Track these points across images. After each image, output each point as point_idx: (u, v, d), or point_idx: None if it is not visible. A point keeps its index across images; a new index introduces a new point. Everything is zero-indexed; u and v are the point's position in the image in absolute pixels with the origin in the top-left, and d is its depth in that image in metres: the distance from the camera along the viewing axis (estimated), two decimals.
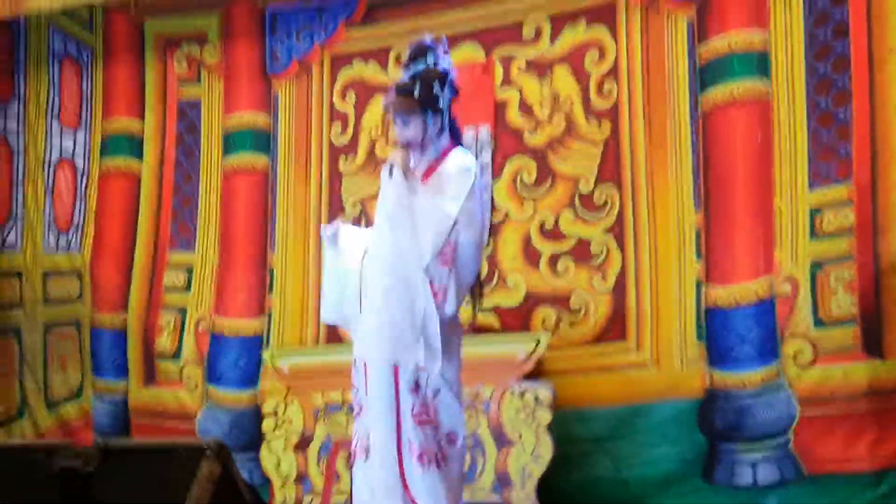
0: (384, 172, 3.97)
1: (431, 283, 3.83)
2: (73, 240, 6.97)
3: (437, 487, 3.86)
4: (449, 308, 3.87)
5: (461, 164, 3.99)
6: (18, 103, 7.04)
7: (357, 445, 4.01)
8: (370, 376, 3.94)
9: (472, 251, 3.91)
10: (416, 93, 3.97)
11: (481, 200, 4.05)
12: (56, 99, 7.06)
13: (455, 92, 4.08)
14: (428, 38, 4.09)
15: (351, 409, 4.22)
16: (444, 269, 3.84)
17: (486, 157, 6.03)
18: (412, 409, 3.87)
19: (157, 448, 2.85)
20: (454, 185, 3.92)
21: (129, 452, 2.84)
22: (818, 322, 5.28)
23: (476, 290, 4.10)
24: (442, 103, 4.03)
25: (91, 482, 2.71)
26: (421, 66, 4.01)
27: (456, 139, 4.12)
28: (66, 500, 2.71)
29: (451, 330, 3.96)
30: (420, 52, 4.05)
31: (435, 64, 4.03)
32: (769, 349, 5.35)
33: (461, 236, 3.86)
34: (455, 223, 3.85)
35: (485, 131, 6.05)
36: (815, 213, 5.34)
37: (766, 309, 5.38)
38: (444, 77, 4.03)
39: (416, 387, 3.88)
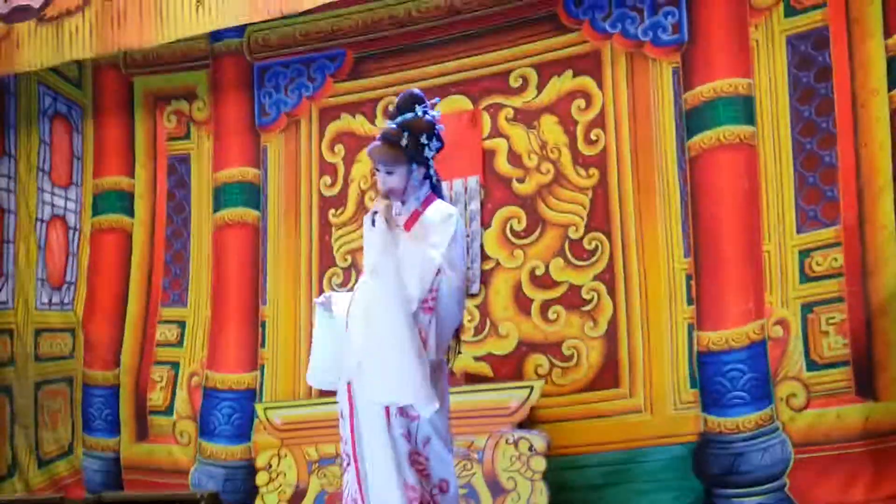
0: (367, 221, 3.97)
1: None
2: (66, 296, 6.97)
3: None
4: (430, 354, 3.85)
5: (444, 211, 4.01)
6: (9, 161, 7.06)
7: (347, 498, 3.98)
8: (363, 422, 3.92)
9: (454, 298, 3.91)
10: (403, 142, 3.99)
11: (462, 249, 4.04)
12: (47, 157, 7.09)
13: (441, 145, 4.10)
14: (417, 90, 4.12)
15: None
16: (426, 316, 3.84)
17: (475, 206, 6.05)
18: (407, 456, 3.85)
19: (151, 500, 2.82)
20: (437, 233, 3.93)
21: None
22: (811, 364, 5.29)
23: (455, 337, 4.08)
24: (427, 154, 4.05)
25: None
26: (409, 116, 4.04)
27: (436, 190, 4.13)
28: None
29: (436, 376, 3.93)
30: (409, 101, 4.07)
31: (423, 114, 4.06)
32: (762, 393, 5.35)
33: (443, 283, 3.86)
34: (439, 270, 3.86)
35: (473, 181, 6.07)
36: (803, 255, 5.37)
37: (758, 352, 5.39)
38: (431, 128, 4.05)
39: (408, 434, 3.86)
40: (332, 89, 6.56)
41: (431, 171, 4.08)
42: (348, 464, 3.99)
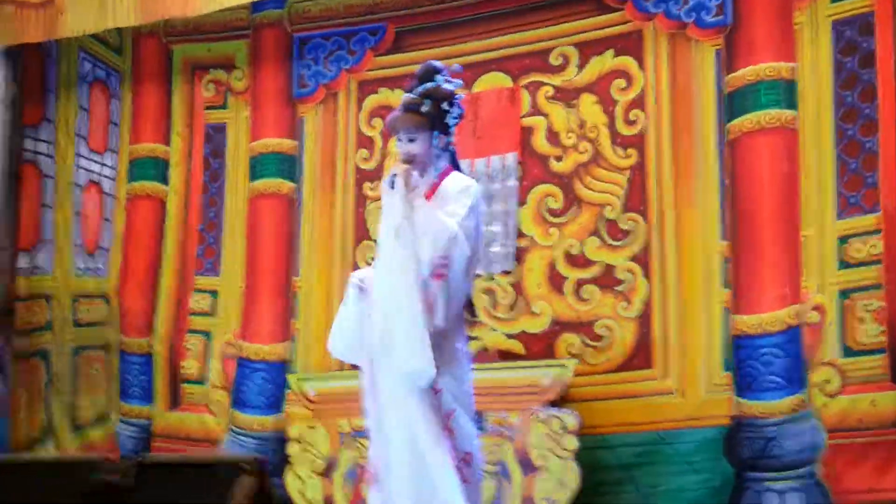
0: (385, 185, 4.00)
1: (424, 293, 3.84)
2: (100, 263, 7.00)
3: None
4: (438, 321, 3.87)
5: (462, 183, 4.06)
6: (49, 126, 7.09)
7: (371, 470, 4.01)
8: (380, 387, 3.93)
9: (463, 268, 3.93)
10: (425, 109, 4.02)
11: (478, 221, 4.06)
12: (84, 122, 7.12)
13: (461, 112, 4.12)
14: (436, 61, 4.17)
15: None
16: (437, 282, 3.86)
17: (512, 183, 6.05)
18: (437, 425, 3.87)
19: (194, 463, 2.85)
20: (455, 202, 3.97)
21: (167, 467, 2.85)
22: (846, 350, 5.27)
23: (467, 309, 4.10)
24: (449, 122, 4.08)
25: (128, 496, 2.73)
26: (430, 85, 4.07)
27: (454, 163, 4.15)
28: None
29: (450, 345, 3.95)
30: (429, 72, 4.12)
31: (445, 83, 4.10)
32: (796, 378, 5.34)
33: (455, 251, 3.88)
34: (454, 238, 3.87)
35: (511, 158, 6.07)
36: (842, 241, 5.35)
37: (793, 337, 5.37)
38: (452, 96, 4.09)
39: (433, 407, 3.87)
40: (371, 63, 6.55)
41: (451, 140, 4.11)
42: (370, 438, 4.02)
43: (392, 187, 3.96)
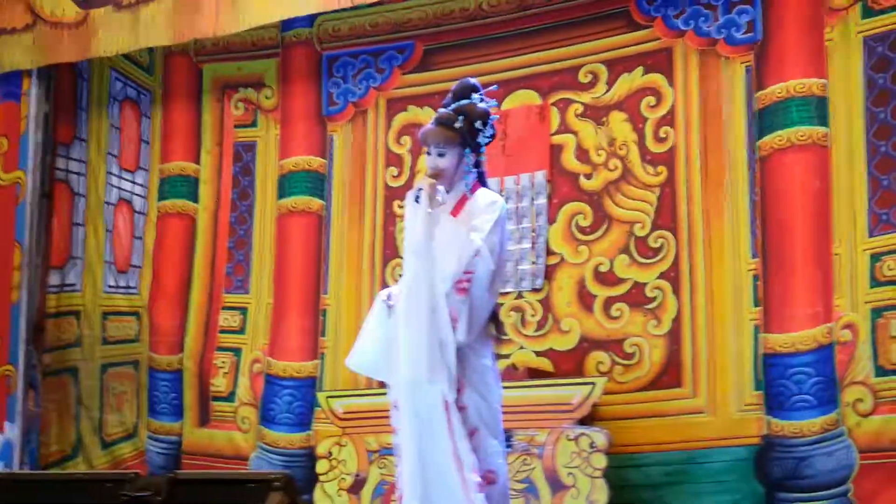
0: (410, 198, 3.99)
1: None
2: (132, 280, 7.04)
3: None
4: (460, 336, 3.86)
5: (490, 198, 4.06)
6: (81, 145, 7.14)
7: (399, 489, 4.00)
8: (403, 402, 3.93)
9: (487, 283, 3.92)
10: (458, 125, 4.02)
11: (504, 237, 4.05)
12: (116, 141, 7.17)
13: (493, 133, 4.12)
14: (473, 79, 4.19)
15: None
16: (459, 297, 3.85)
17: (542, 201, 6.04)
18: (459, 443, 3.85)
19: (225, 479, 2.86)
20: (480, 217, 3.97)
21: (198, 483, 2.85)
22: (879, 370, 5.22)
23: (494, 326, 4.08)
24: (481, 140, 4.08)
25: None
26: (465, 102, 4.09)
27: (482, 180, 4.16)
28: None
29: (476, 362, 3.94)
30: (466, 89, 4.14)
31: (480, 101, 4.10)
32: (828, 397, 5.29)
33: (480, 267, 3.88)
34: (477, 253, 3.86)
35: (540, 175, 6.06)
36: (875, 259, 5.30)
37: (825, 356, 5.32)
38: (486, 116, 4.09)
39: (456, 424, 3.86)
40: (399, 80, 6.57)
41: (482, 159, 4.11)
42: (398, 455, 4.02)
43: (417, 201, 3.96)
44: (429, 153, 4.08)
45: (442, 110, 4.15)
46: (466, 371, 3.90)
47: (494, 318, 4.06)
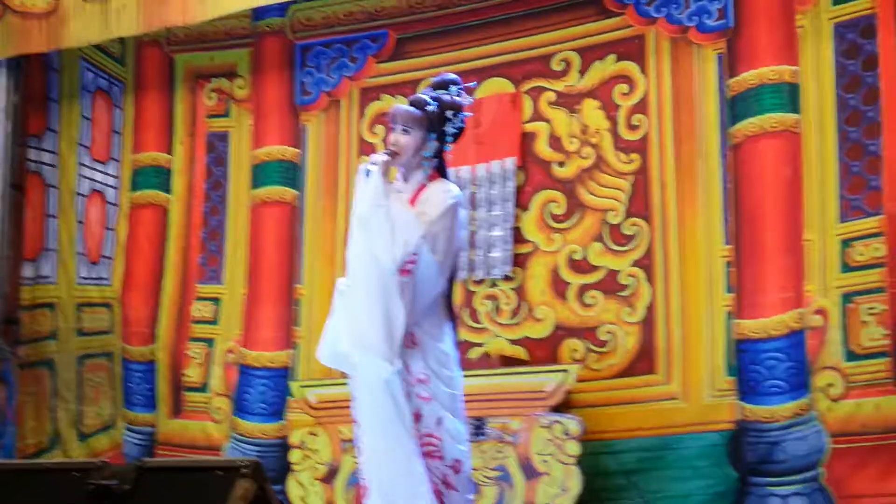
0: (361, 172, 3.93)
1: None
2: (104, 272, 7.01)
3: None
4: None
5: (445, 187, 4.02)
6: (52, 137, 7.10)
7: (363, 482, 3.97)
8: (364, 402, 3.88)
9: (432, 272, 3.88)
10: (430, 109, 4.00)
11: (456, 224, 3.99)
12: (87, 132, 7.13)
13: (462, 127, 4.09)
14: (455, 75, 4.18)
15: None
16: (402, 279, 3.81)
17: (510, 187, 6.04)
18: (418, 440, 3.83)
19: (193, 467, 2.84)
20: (431, 203, 3.94)
21: (165, 471, 2.83)
22: (850, 355, 5.25)
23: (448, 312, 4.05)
24: (447, 129, 4.04)
25: (126, 501, 2.72)
26: (441, 92, 4.08)
27: (442, 172, 4.10)
28: None
29: (434, 348, 3.91)
30: (445, 82, 4.13)
31: (457, 95, 4.09)
32: (800, 382, 5.32)
33: (425, 250, 3.85)
34: (424, 235, 3.86)
35: (510, 162, 6.06)
36: (845, 245, 5.32)
37: (796, 341, 5.35)
38: (459, 109, 4.08)
39: (418, 416, 3.85)
40: (373, 70, 6.56)
41: (446, 150, 4.08)
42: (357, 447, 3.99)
43: (367, 176, 3.91)
44: (394, 128, 4.05)
45: (417, 95, 4.15)
46: (428, 360, 3.88)
47: (447, 302, 4.03)
